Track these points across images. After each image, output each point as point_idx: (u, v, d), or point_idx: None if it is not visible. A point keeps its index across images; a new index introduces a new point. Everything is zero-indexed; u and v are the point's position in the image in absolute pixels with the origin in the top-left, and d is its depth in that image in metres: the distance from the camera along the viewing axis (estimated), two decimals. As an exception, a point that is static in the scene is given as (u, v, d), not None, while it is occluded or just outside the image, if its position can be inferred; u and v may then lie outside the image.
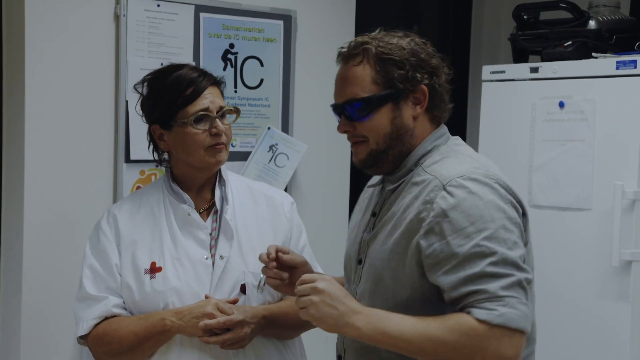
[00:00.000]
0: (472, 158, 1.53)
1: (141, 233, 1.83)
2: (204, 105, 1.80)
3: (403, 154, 1.55)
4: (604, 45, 2.59)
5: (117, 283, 1.80)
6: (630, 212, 2.36)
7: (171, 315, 1.74)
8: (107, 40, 2.39)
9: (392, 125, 1.52)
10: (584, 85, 2.50)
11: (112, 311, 1.78)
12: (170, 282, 1.78)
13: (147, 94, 1.86)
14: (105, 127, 2.40)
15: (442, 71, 1.57)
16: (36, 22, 2.26)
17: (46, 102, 2.30)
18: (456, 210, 1.40)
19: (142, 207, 1.87)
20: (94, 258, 1.83)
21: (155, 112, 1.84)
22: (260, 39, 2.70)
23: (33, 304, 2.29)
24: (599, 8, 2.68)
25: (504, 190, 1.45)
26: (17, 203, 2.29)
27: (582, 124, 2.50)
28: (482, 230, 1.38)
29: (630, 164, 2.37)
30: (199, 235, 1.83)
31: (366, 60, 1.53)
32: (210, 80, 1.84)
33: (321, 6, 2.83)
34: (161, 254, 1.81)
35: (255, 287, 1.81)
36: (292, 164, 2.72)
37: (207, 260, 1.81)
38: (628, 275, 2.37)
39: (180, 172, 1.87)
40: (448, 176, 1.45)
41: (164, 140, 1.84)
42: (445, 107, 1.58)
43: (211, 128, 1.80)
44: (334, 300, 1.42)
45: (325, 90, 2.88)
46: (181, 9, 2.52)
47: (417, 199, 1.47)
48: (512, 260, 1.38)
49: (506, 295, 1.35)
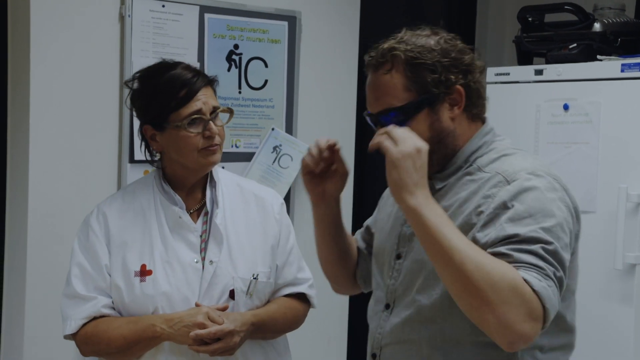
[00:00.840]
0: (532, 157, 1.50)
1: (131, 233, 1.80)
2: (197, 107, 1.76)
3: (448, 155, 1.50)
4: (609, 48, 2.58)
5: (106, 283, 1.78)
6: (634, 215, 2.35)
7: (162, 322, 1.72)
8: (112, 40, 2.40)
9: (431, 130, 1.46)
10: (589, 87, 2.50)
11: (101, 311, 1.76)
12: (161, 286, 1.76)
13: (139, 91, 1.81)
14: (109, 127, 2.41)
15: (475, 67, 1.50)
16: (41, 23, 2.27)
17: (51, 102, 2.30)
18: (517, 201, 1.36)
19: (132, 206, 1.84)
20: (83, 256, 1.80)
21: (147, 113, 1.80)
22: (264, 39, 2.70)
23: (37, 302, 2.29)
24: (603, 10, 2.68)
25: (564, 193, 1.41)
26: (22, 202, 2.30)
27: (586, 126, 2.49)
28: (541, 222, 1.33)
29: (635, 166, 2.37)
30: (189, 238, 1.81)
31: (395, 67, 1.46)
32: (204, 80, 1.80)
33: (326, 7, 2.83)
34: (151, 256, 1.78)
35: (244, 293, 1.80)
36: (296, 165, 2.72)
37: (197, 264, 1.79)
38: (632, 278, 2.36)
39: (173, 172, 1.84)
40: (512, 172, 1.41)
41: (157, 140, 1.81)
42: (482, 103, 1.53)
43: (204, 130, 1.76)
44: (419, 168, 1.35)
45: (329, 92, 2.89)
46: (186, 10, 2.52)
47: (475, 194, 1.43)
48: (560, 259, 1.33)
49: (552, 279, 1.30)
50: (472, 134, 1.51)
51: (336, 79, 2.88)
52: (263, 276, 1.83)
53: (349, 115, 2.91)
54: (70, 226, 2.33)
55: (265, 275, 1.84)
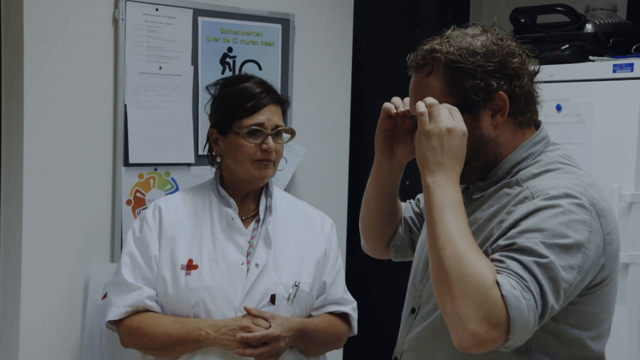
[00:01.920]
0: (574, 175, 1.38)
1: (183, 229, 1.89)
2: (260, 120, 1.88)
3: (489, 164, 1.42)
4: (601, 49, 2.59)
5: (153, 274, 1.86)
6: (627, 215, 2.37)
7: (207, 326, 1.79)
8: (105, 44, 2.40)
9: (470, 137, 1.36)
10: (581, 88, 2.51)
11: (145, 302, 1.84)
12: (205, 280, 1.83)
13: (215, 97, 1.96)
14: (104, 131, 2.41)
15: (523, 71, 1.41)
16: (35, 26, 2.27)
17: (45, 106, 2.30)
18: (533, 215, 1.29)
19: (188, 204, 1.94)
20: (135, 247, 1.90)
21: (216, 116, 1.94)
22: (258, 42, 2.71)
23: (32, 307, 2.29)
24: (595, 11, 2.69)
25: (595, 215, 1.32)
26: (16, 206, 2.29)
27: (579, 126, 2.50)
28: (547, 238, 1.26)
29: (628, 166, 2.38)
30: (238, 240, 1.89)
31: (436, 70, 1.40)
32: (272, 97, 1.92)
33: (319, 10, 2.84)
34: (199, 252, 1.86)
35: (285, 299, 1.85)
36: (290, 168, 2.73)
37: (243, 266, 1.86)
38: (625, 278, 2.37)
39: (229, 177, 1.95)
40: (541, 188, 1.34)
41: (218, 145, 1.93)
42: (531, 108, 1.44)
43: (262, 144, 1.87)
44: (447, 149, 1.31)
45: (323, 94, 2.89)
46: (180, 13, 2.53)
47: (503, 209, 1.37)
48: (554, 277, 1.24)
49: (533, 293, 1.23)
50: (518, 143, 1.43)
51: (330, 82, 2.88)
52: (305, 286, 1.89)
53: (343, 117, 2.92)
54: (64, 230, 2.33)
55: (307, 285, 1.90)
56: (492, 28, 1.45)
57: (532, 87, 1.44)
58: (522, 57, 1.43)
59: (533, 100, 1.45)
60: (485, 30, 1.44)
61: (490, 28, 1.45)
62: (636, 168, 2.37)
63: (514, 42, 1.44)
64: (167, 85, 2.48)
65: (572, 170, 1.41)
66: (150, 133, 2.45)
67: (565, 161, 1.44)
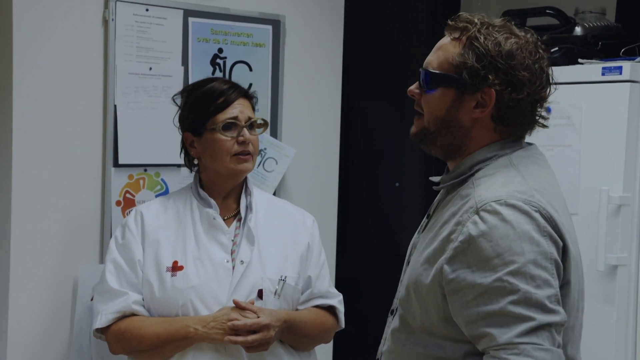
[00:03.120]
0: (522, 178, 1.39)
1: (165, 232, 1.91)
2: (233, 114, 1.91)
3: (452, 147, 1.44)
4: (590, 52, 2.61)
5: (138, 279, 1.86)
6: (615, 217, 2.38)
7: (195, 322, 1.79)
8: (95, 44, 2.39)
9: (446, 112, 1.42)
10: (570, 91, 2.52)
11: (132, 307, 1.84)
12: (191, 280, 1.84)
13: (183, 105, 1.99)
14: (93, 132, 2.40)
15: (528, 89, 1.40)
16: (24, 26, 2.26)
17: (34, 107, 2.29)
18: (484, 238, 1.30)
19: (169, 208, 1.96)
20: (118, 253, 1.90)
21: (188, 120, 1.96)
22: (249, 43, 2.70)
23: (20, 308, 2.28)
24: (585, 14, 2.71)
25: (543, 221, 1.32)
26: (5, 207, 2.28)
27: (568, 129, 2.52)
28: (509, 263, 1.27)
29: (616, 169, 2.39)
30: (221, 239, 1.90)
31: (459, 38, 1.43)
32: (240, 92, 1.97)
33: (310, 11, 2.84)
34: (184, 253, 1.87)
35: (272, 293, 1.86)
36: (280, 169, 2.73)
37: (228, 264, 1.88)
38: (614, 280, 2.39)
39: (208, 178, 1.96)
40: (484, 198, 1.34)
41: (195, 147, 1.95)
42: (517, 125, 1.43)
43: (238, 136, 1.90)
44: None
45: (314, 95, 2.89)
46: (170, 14, 2.52)
47: (454, 216, 1.38)
48: (537, 301, 1.26)
49: (522, 342, 1.25)
50: (488, 142, 1.44)
51: (320, 83, 2.88)
52: (291, 280, 1.92)
53: (333, 118, 2.92)
54: (54, 231, 2.32)
55: (293, 279, 1.92)
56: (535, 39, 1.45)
57: (529, 108, 1.43)
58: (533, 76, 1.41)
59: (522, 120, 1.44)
60: (522, 36, 1.43)
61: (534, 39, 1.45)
62: (624, 170, 2.38)
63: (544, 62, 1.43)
64: (157, 86, 2.48)
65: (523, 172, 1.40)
66: (140, 134, 2.44)
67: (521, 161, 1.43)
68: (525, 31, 1.47)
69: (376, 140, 3.37)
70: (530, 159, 1.45)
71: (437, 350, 1.39)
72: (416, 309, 1.42)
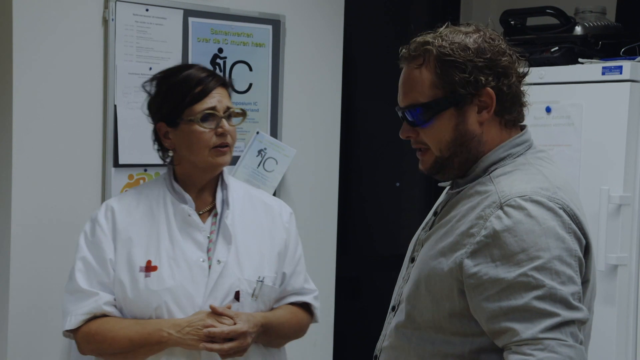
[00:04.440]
0: (543, 176, 1.39)
1: (138, 230, 1.81)
2: (212, 104, 1.81)
3: (469, 161, 1.43)
4: (590, 51, 2.61)
5: (109, 278, 1.78)
6: (616, 217, 2.38)
7: (169, 327, 1.73)
8: (95, 44, 2.39)
9: (455, 131, 1.40)
10: (571, 90, 2.52)
11: (103, 309, 1.76)
12: (165, 282, 1.76)
13: (155, 93, 1.87)
14: (93, 132, 2.40)
15: (512, 70, 1.42)
16: (24, 26, 2.26)
17: (34, 107, 2.29)
18: (509, 233, 1.29)
19: (142, 203, 1.85)
20: (88, 251, 1.81)
21: (162, 109, 1.84)
22: (249, 43, 2.70)
23: (20, 307, 2.28)
24: (585, 14, 2.71)
25: (568, 218, 1.33)
26: (5, 207, 2.28)
27: (568, 128, 2.51)
28: (534, 258, 1.27)
29: (616, 168, 2.39)
30: (197, 237, 1.82)
31: (427, 62, 1.41)
32: (219, 81, 1.85)
33: (310, 11, 2.84)
34: (157, 252, 1.79)
35: (249, 295, 1.80)
36: (281, 169, 2.73)
37: (204, 263, 1.80)
38: (614, 279, 2.38)
39: (183, 171, 1.86)
40: (508, 194, 1.33)
41: (169, 138, 1.84)
42: (519, 110, 1.45)
43: (217, 127, 1.80)
44: None
45: (314, 95, 2.89)
46: (170, 14, 2.52)
47: (473, 210, 1.37)
48: (562, 297, 1.26)
49: (546, 337, 1.24)
50: (501, 142, 1.43)
51: (321, 82, 2.88)
52: (269, 280, 1.84)
53: (333, 118, 2.92)
54: (54, 232, 2.32)
55: (271, 279, 1.85)
56: (485, 28, 1.46)
57: (520, 88, 1.46)
58: (511, 57, 1.44)
59: (520, 101, 1.46)
60: (477, 29, 1.46)
61: (484, 28, 1.46)
62: (625, 170, 2.38)
63: (505, 42, 1.45)
64: (157, 86, 2.48)
65: (544, 170, 1.41)
66: (140, 134, 2.43)
67: (539, 162, 1.44)
68: (467, 25, 1.48)
69: (376, 140, 3.36)
70: (545, 160, 1.46)
71: (446, 347, 1.39)
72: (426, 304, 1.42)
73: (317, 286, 2.08)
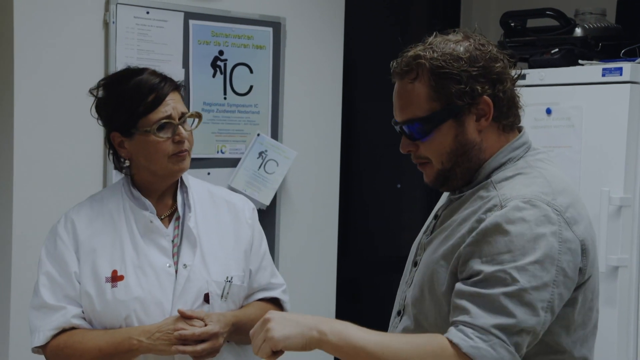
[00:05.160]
0: (545, 179, 1.40)
1: (101, 240, 1.77)
2: (167, 112, 1.74)
3: (471, 169, 1.45)
4: (590, 53, 2.61)
5: (75, 291, 1.74)
6: (616, 218, 2.38)
7: (139, 334, 1.70)
8: (96, 47, 2.40)
9: (455, 142, 1.41)
10: (571, 92, 2.53)
11: (71, 322, 1.72)
12: (133, 291, 1.73)
13: (105, 99, 1.79)
14: (95, 134, 2.40)
15: (506, 75, 1.43)
16: (25, 29, 2.26)
17: (36, 109, 2.30)
18: (501, 234, 1.32)
19: (101, 212, 1.81)
20: (51, 265, 1.77)
21: (115, 119, 1.78)
22: (249, 45, 2.71)
23: (22, 309, 2.28)
24: (585, 15, 2.71)
25: (565, 224, 1.34)
26: (6, 209, 2.29)
27: (569, 130, 2.52)
28: (516, 260, 1.30)
29: (617, 170, 2.39)
30: (161, 242, 1.79)
31: (420, 76, 1.41)
32: (171, 85, 1.78)
33: (310, 13, 2.85)
34: (122, 261, 1.75)
35: (219, 296, 1.79)
36: (281, 171, 2.73)
37: (170, 269, 1.77)
38: (615, 281, 2.39)
39: (141, 178, 1.82)
40: (509, 197, 1.35)
41: (125, 147, 1.78)
42: (515, 113, 1.46)
43: (174, 135, 1.75)
44: (289, 318, 1.37)
45: (314, 97, 2.90)
46: (170, 16, 2.53)
47: (474, 214, 1.39)
48: (529, 301, 1.28)
49: (494, 334, 1.27)
50: (500, 147, 1.45)
51: (321, 84, 2.89)
52: (237, 279, 1.82)
53: (334, 120, 2.93)
54: (55, 233, 2.33)
55: (239, 278, 1.83)
56: (474, 34, 1.46)
57: (514, 91, 1.46)
58: (504, 62, 1.45)
59: (515, 105, 1.47)
60: (467, 37, 1.45)
61: (472, 34, 1.46)
62: (625, 171, 2.39)
63: (495, 47, 1.46)
64: (158, 88, 2.48)
65: (545, 173, 1.42)
66: (141, 136, 2.44)
67: (540, 164, 1.45)
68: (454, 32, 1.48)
69: (377, 141, 3.37)
70: (545, 161, 1.47)
71: None
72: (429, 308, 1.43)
73: (318, 288, 2.08)
